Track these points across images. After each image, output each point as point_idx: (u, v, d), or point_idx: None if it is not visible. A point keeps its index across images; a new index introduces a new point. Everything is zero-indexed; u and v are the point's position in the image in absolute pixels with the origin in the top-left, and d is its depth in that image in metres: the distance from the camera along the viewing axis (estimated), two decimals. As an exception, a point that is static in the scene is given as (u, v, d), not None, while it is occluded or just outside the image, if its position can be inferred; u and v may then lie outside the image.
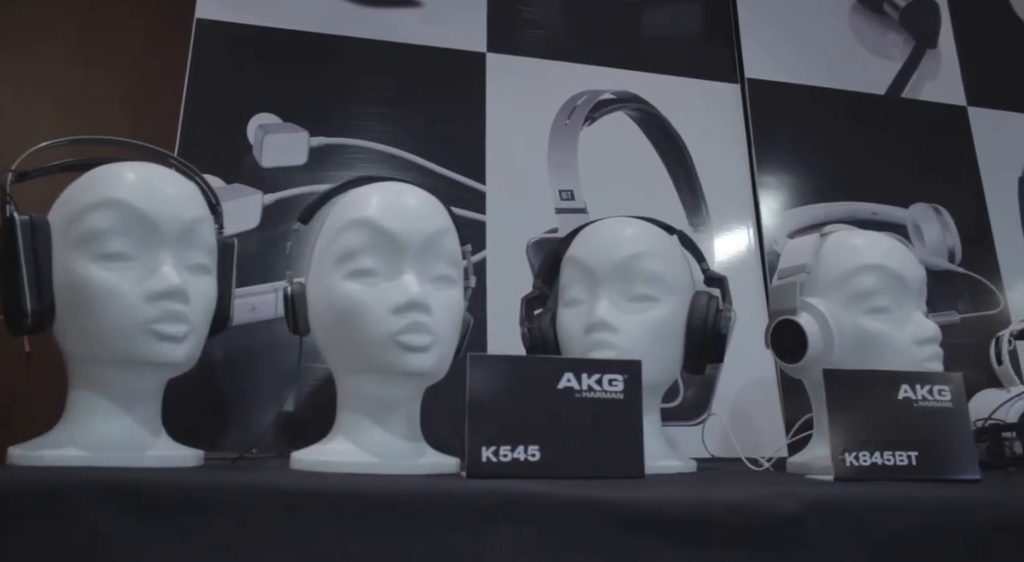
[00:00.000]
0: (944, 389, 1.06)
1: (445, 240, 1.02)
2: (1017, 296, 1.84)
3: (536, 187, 1.64)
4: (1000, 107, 2.02)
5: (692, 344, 1.13)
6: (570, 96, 1.72)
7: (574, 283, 1.16)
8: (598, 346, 1.09)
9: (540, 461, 0.92)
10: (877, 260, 1.17)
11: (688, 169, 1.72)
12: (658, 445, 1.15)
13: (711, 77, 1.84)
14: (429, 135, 1.61)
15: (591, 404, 0.96)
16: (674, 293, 1.13)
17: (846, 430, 1.01)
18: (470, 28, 1.71)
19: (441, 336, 0.98)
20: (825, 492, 0.84)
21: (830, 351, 1.14)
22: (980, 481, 1.01)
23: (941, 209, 1.86)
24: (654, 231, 1.17)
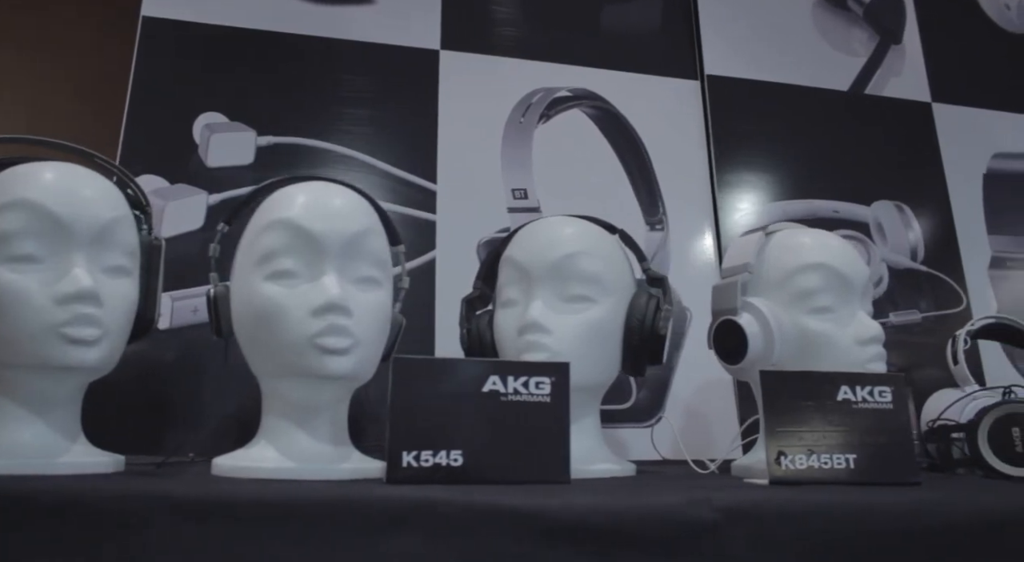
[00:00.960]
0: (885, 390, 1.04)
1: (369, 241, 0.99)
2: (980, 294, 1.82)
3: (489, 186, 1.62)
4: (965, 103, 1.99)
5: (630, 345, 1.11)
6: (525, 93, 1.69)
7: (510, 284, 1.13)
8: (530, 348, 1.06)
9: (463, 466, 0.90)
10: (820, 259, 1.15)
11: (645, 167, 1.70)
12: (595, 448, 1.13)
13: (671, 74, 1.82)
14: (379, 134, 1.59)
15: (517, 407, 0.94)
16: (611, 293, 1.10)
17: (782, 432, 0.99)
18: (424, 25, 1.69)
19: (362, 338, 0.95)
20: (749, 498, 0.82)
21: (771, 352, 1.12)
22: (920, 484, 1.00)
23: (904, 206, 1.84)
24: (592, 230, 1.15)
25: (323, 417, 0.99)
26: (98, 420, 1.01)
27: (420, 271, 1.51)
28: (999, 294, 1.84)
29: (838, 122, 1.89)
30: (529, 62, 1.73)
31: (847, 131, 1.89)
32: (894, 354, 1.70)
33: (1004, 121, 2.01)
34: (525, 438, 0.93)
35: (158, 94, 1.50)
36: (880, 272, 1.77)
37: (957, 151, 1.93)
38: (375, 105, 1.61)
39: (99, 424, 1.01)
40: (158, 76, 1.51)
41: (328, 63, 1.62)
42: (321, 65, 1.61)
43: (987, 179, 1.93)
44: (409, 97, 1.63)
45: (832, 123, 1.88)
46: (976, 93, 2.01)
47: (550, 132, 1.68)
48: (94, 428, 0.98)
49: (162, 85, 1.51)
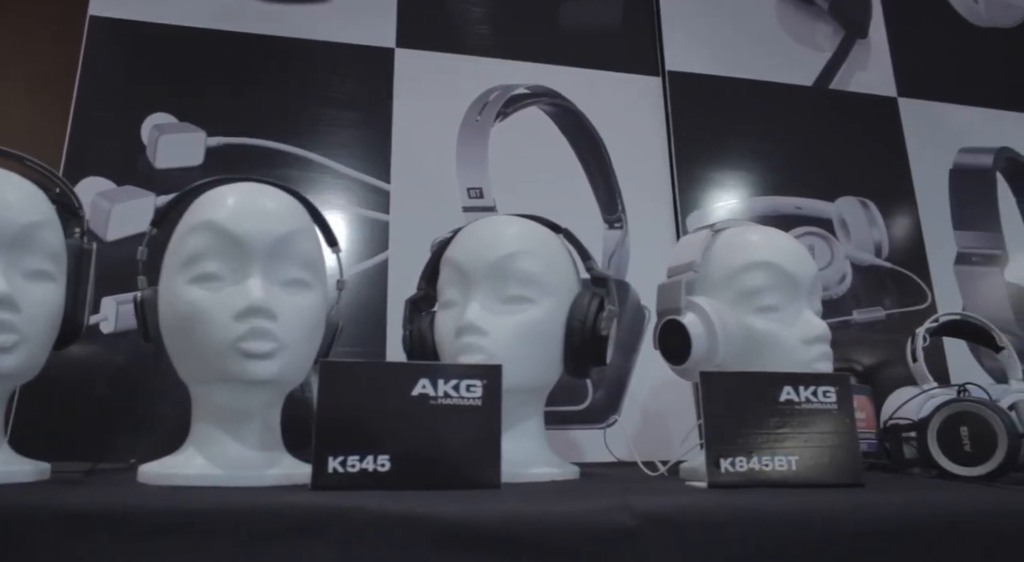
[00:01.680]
0: (830, 390, 1.02)
1: (298, 243, 0.97)
2: (945, 290, 1.80)
3: (444, 185, 1.60)
4: (932, 98, 1.97)
5: (570, 346, 1.09)
6: (483, 91, 1.67)
7: (449, 285, 1.12)
8: (466, 350, 1.04)
9: (390, 472, 0.88)
10: (766, 257, 1.13)
11: (604, 165, 1.68)
12: (536, 451, 1.11)
13: (632, 70, 1.80)
14: (332, 133, 1.57)
15: (447, 411, 0.92)
16: (551, 294, 1.08)
17: (722, 434, 0.97)
18: (379, 24, 1.67)
19: (288, 342, 0.93)
20: (675, 503, 0.80)
21: (715, 352, 1.10)
22: (863, 486, 0.98)
23: (868, 203, 1.82)
24: (534, 230, 1.13)
25: (253, 422, 0.97)
26: (42, 426, 0.99)
27: (373, 272, 1.50)
28: (965, 290, 1.82)
29: (802, 118, 1.87)
30: (487, 59, 1.71)
31: (811, 127, 1.87)
32: (858, 352, 1.70)
33: (971, 115, 1.99)
34: (455, 442, 0.91)
35: (106, 94, 1.48)
36: (843, 269, 1.75)
37: (923, 146, 1.92)
38: (328, 105, 1.59)
39: (44, 431, 0.99)
40: (106, 76, 1.49)
41: (280, 63, 1.60)
42: (273, 65, 1.59)
43: (953, 174, 1.91)
44: (363, 96, 1.62)
45: (796, 119, 1.86)
46: (943, 87, 1.99)
47: (507, 130, 1.66)
48: (35, 435, 0.97)
49: (110, 85, 1.49)
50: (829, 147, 1.85)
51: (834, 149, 1.86)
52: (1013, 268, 1.88)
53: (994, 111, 2.01)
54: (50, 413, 1.27)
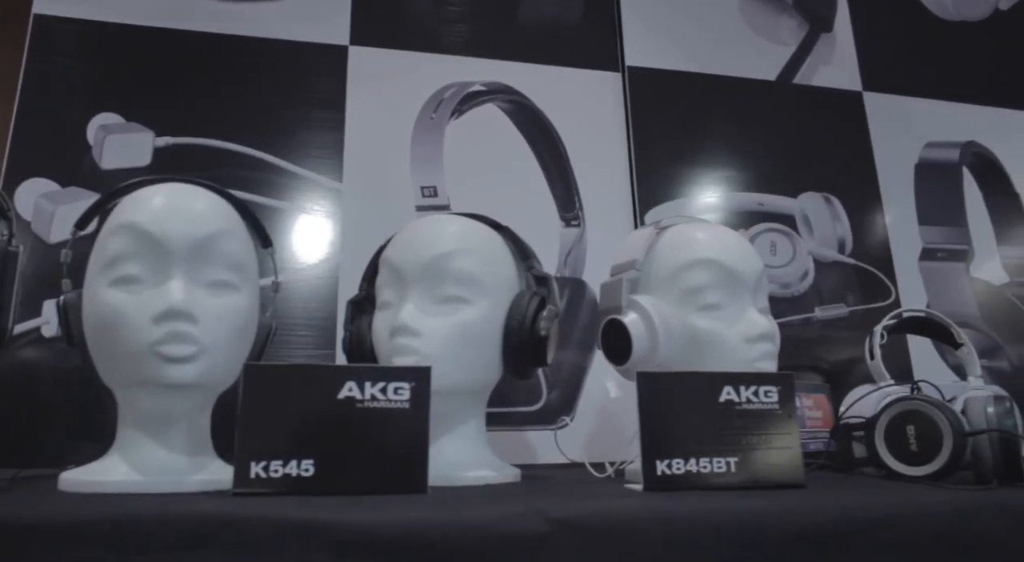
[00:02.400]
0: (771, 390, 1.00)
1: (223, 243, 0.95)
2: (910, 286, 1.78)
3: (398, 184, 1.58)
4: (898, 92, 1.95)
5: (509, 347, 1.07)
6: (438, 89, 1.65)
7: (385, 285, 1.10)
8: (399, 351, 1.02)
9: (314, 476, 0.86)
10: (708, 254, 1.11)
11: (562, 162, 1.66)
12: (474, 454, 1.09)
13: (591, 66, 1.78)
14: (283, 133, 1.55)
15: (374, 414, 0.90)
16: (488, 294, 1.06)
17: (658, 436, 0.95)
18: (332, 21, 1.64)
19: (210, 345, 0.91)
20: (597, 507, 0.79)
21: (656, 352, 1.08)
22: (805, 487, 0.96)
23: (832, 198, 1.79)
24: (472, 228, 1.11)
25: (179, 427, 0.95)
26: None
27: (324, 272, 1.48)
28: (930, 286, 1.80)
29: (765, 113, 1.85)
30: (443, 57, 1.69)
31: (774, 122, 1.85)
32: (820, 349, 1.68)
33: (938, 110, 1.96)
34: (382, 446, 0.89)
35: (50, 94, 1.46)
36: (806, 266, 1.73)
37: (889, 141, 1.89)
38: (279, 103, 1.57)
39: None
40: (50, 76, 1.47)
41: (230, 62, 1.57)
42: (223, 64, 1.57)
43: (919, 169, 1.89)
44: (316, 95, 1.59)
45: (759, 114, 1.84)
46: (909, 82, 1.97)
47: (463, 128, 1.64)
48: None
49: (55, 85, 1.46)
50: (793, 143, 1.83)
51: (798, 145, 1.83)
52: (979, 264, 1.86)
53: (961, 105, 1.99)
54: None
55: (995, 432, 1.04)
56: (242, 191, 1.46)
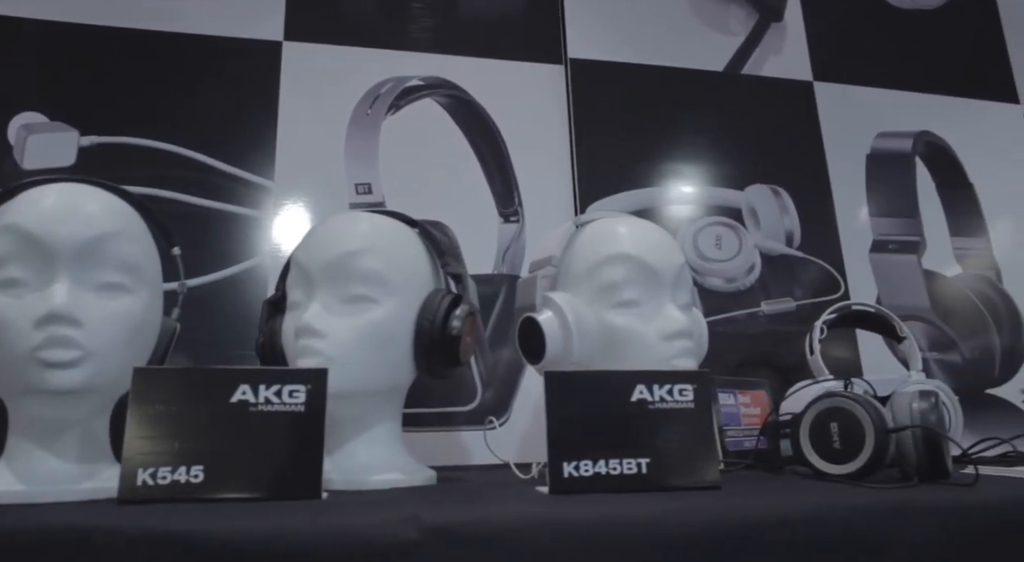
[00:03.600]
0: (686, 389, 0.97)
1: (114, 245, 0.93)
2: (859, 279, 1.75)
3: (331, 182, 1.55)
4: (850, 81, 1.92)
5: (420, 346, 1.04)
6: (375, 84, 1.62)
7: (294, 285, 1.07)
8: (302, 353, 1.00)
9: (203, 483, 0.85)
10: (625, 250, 1.08)
11: (501, 157, 1.63)
12: (385, 457, 1.06)
13: (533, 59, 1.74)
14: (213, 131, 1.52)
15: (267, 418, 0.89)
16: (397, 293, 1.03)
17: (565, 437, 0.93)
18: (266, 16, 1.61)
19: (96, 350, 0.89)
20: (478, 514, 0.76)
21: (570, 350, 1.06)
22: (719, 488, 0.93)
23: (780, 190, 1.76)
24: (380, 226, 1.08)
25: (70, 434, 0.93)
26: None
27: (254, 272, 1.45)
28: (880, 279, 1.77)
29: (712, 105, 1.81)
30: (381, 51, 1.66)
31: (721, 114, 1.81)
32: (766, 344, 1.65)
33: (889, 99, 1.93)
34: (275, 451, 0.87)
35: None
36: (752, 260, 1.70)
37: (840, 131, 1.86)
38: (210, 101, 1.54)
39: None
40: (-33, 74, 1.44)
41: (160, 58, 1.54)
42: (152, 61, 1.54)
43: (871, 159, 1.86)
44: (247, 91, 1.56)
45: (705, 106, 1.81)
46: (861, 71, 1.94)
47: (400, 123, 1.61)
48: None
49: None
50: (740, 134, 1.80)
51: (746, 136, 1.80)
52: (931, 256, 1.83)
53: (915, 94, 1.96)
54: None
55: (918, 428, 1.02)
56: (171, 191, 1.46)
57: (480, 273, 1.52)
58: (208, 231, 1.46)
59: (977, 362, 1.77)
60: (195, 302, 1.41)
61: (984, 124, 1.98)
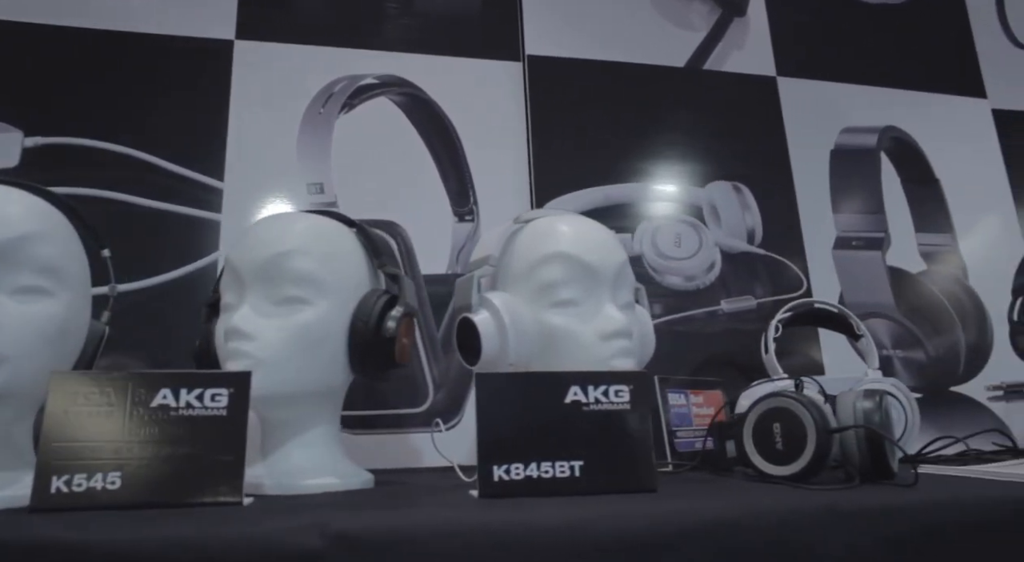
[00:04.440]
0: (623, 389, 0.96)
1: (31, 247, 0.91)
2: (822, 276, 1.73)
3: (283, 182, 1.53)
4: (814, 77, 1.90)
5: (354, 348, 1.02)
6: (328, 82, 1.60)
7: (227, 287, 1.05)
8: (231, 356, 0.98)
9: (120, 490, 0.83)
10: (563, 248, 1.06)
11: (456, 156, 1.61)
12: (320, 461, 1.04)
13: (491, 56, 1.72)
14: (162, 131, 1.49)
15: (188, 422, 0.87)
16: (330, 294, 1.01)
17: (496, 439, 0.91)
18: (217, 14, 1.59)
19: (11, 354, 0.87)
20: (388, 520, 0.75)
21: (507, 350, 1.04)
22: (655, 491, 0.91)
23: (741, 187, 1.74)
24: (314, 226, 1.05)
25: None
26: None
27: (201, 274, 1.43)
28: (843, 276, 1.74)
29: (673, 101, 1.79)
30: (335, 49, 1.63)
31: (683, 110, 1.79)
32: (726, 343, 1.63)
33: (855, 94, 1.91)
34: (196, 456, 0.86)
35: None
36: (712, 257, 1.67)
37: (803, 127, 1.83)
38: (158, 101, 1.52)
39: None
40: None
41: (107, 57, 1.52)
42: (99, 59, 1.51)
43: (835, 155, 1.84)
44: (198, 91, 1.54)
45: (666, 102, 1.78)
46: (826, 66, 1.91)
47: (354, 122, 1.59)
48: None
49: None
50: (702, 131, 1.78)
51: (707, 133, 1.78)
52: (896, 252, 1.81)
53: (881, 89, 1.93)
54: None
55: (860, 428, 1.01)
56: (117, 192, 1.44)
57: (434, 273, 1.50)
58: (156, 233, 1.44)
59: (942, 359, 1.75)
60: (143, 305, 1.40)
61: (951, 119, 1.96)
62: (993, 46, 2.07)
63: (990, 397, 1.73)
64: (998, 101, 2.01)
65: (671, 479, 1.11)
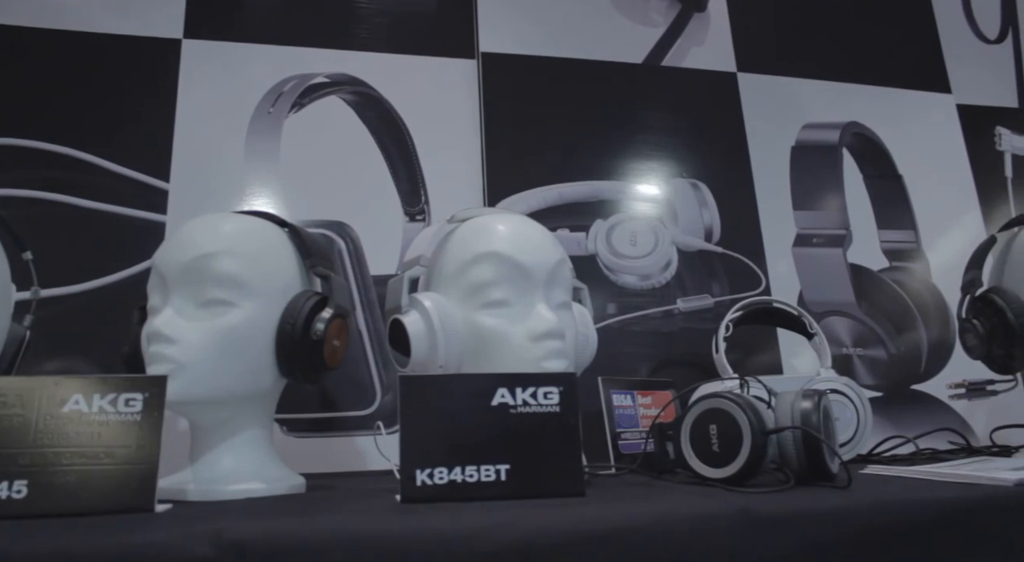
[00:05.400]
0: (552, 391, 0.94)
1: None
2: (781, 274, 1.71)
3: (230, 183, 1.50)
4: (775, 72, 1.87)
5: (282, 351, 1.00)
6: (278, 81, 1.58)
7: (153, 289, 1.03)
8: (152, 360, 0.96)
9: (25, 499, 0.81)
10: (495, 248, 1.04)
11: (408, 155, 1.59)
12: (249, 465, 1.02)
13: (445, 54, 1.70)
14: (106, 132, 1.47)
15: (101, 429, 0.85)
16: (257, 296, 1.00)
17: (420, 443, 0.89)
18: (165, 13, 1.56)
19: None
20: (293, 527, 0.72)
21: (436, 352, 1.02)
22: (584, 495, 0.90)
23: (699, 184, 1.72)
24: (241, 227, 1.04)
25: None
26: None
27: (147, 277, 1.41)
28: (803, 273, 1.72)
29: (630, 97, 1.77)
30: (286, 48, 1.61)
31: (640, 106, 1.77)
32: (682, 342, 1.61)
33: (816, 90, 1.89)
34: (107, 464, 0.84)
35: None
36: (669, 256, 1.65)
37: (764, 123, 1.81)
38: (103, 101, 1.50)
39: None
40: None
41: (52, 57, 1.50)
42: (43, 59, 1.49)
43: (795, 152, 1.81)
44: (144, 91, 1.52)
45: (623, 99, 1.76)
46: (788, 61, 1.89)
47: (304, 122, 1.57)
48: None
49: None
50: (659, 128, 1.75)
51: (665, 130, 1.76)
52: (858, 249, 1.79)
53: (844, 85, 1.91)
54: None
55: (796, 429, 0.99)
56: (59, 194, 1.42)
57: (385, 274, 1.48)
58: (100, 235, 1.42)
59: (904, 358, 1.73)
60: (84, 308, 1.38)
61: (915, 115, 1.94)
62: (958, 40, 2.05)
63: (952, 395, 1.71)
64: (963, 96, 1.99)
65: (607, 483, 1.09)
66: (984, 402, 1.71)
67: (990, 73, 2.06)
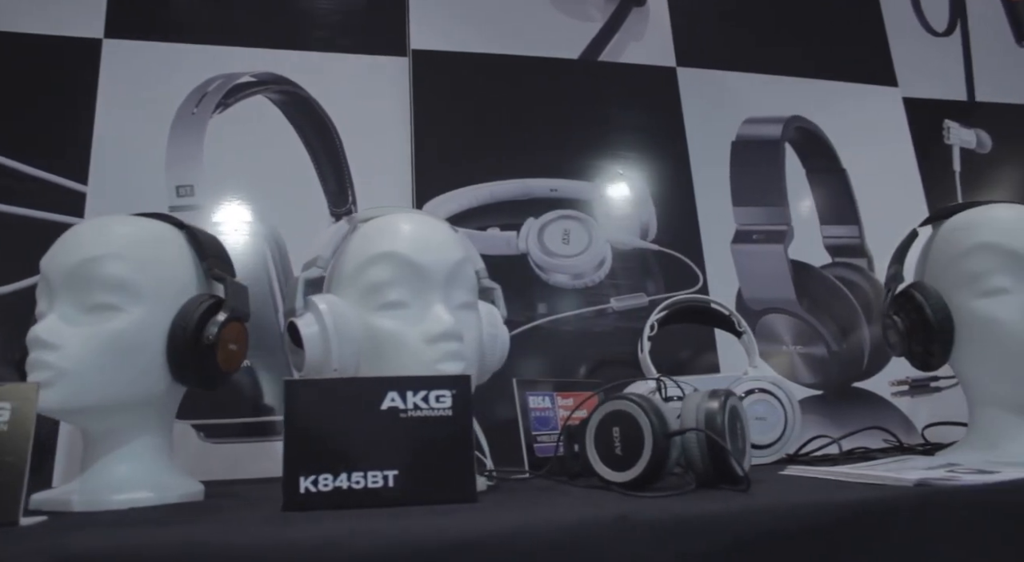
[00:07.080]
0: (444, 395, 0.91)
1: None
2: (719, 271, 1.68)
3: (151, 185, 1.48)
4: (716, 66, 1.85)
5: (172, 355, 0.98)
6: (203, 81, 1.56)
7: (40, 294, 1.00)
8: (32, 367, 0.94)
9: None
10: (391, 248, 1.02)
11: (336, 155, 1.56)
12: (141, 473, 0.99)
13: (375, 51, 1.67)
14: (19, 133, 1.45)
15: (-39, 440, 0.83)
16: (147, 300, 0.97)
17: (304, 448, 0.87)
18: (84, 11, 1.53)
19: None
20: (160, 537, 0.70)
21: (329, 355, 0.99)
22: (476, 501, 0.87)
23: (636, 181, 1.69)
24: (134, 229, 1.01)
25: None
26: None
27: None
28: (742, 270, 1.70)
29: (565, 93, 1.74)
30: (211, 47, 1.58)
31: (575, 102, 1.74)
32: (615, 342, 1.58)
33: (759, 84, 1.86)
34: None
35: None
36: (602, 254, 1.63)
37: (703, 118, 1.79)
38: (17, 102, 1.47)
39: None
40: None
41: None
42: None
43: (736, 146, 1.79)
44: (63, 91, 1.49)
45: (558, 95, 1.74)
46: (729, 56, 1.87)
47: (228, 122, 1.54)
48: None
49: None
50: (595, 123, 1.73)
51: (600, 125, 1.73)
52: (799, 245, 1.76)
53: (788, 79, 1.89)
54: None
55: (698, 432, 0.96)
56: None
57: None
58: (12, 239, 1.40)
59: (845, 355, 1.71)
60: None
61: (860, 108, 1.92)
62: (905, 33, 2.03)
63: (895, 392, 1.69)
64: (909, 89, 1.97)
65: (515, 487, 1.07)
66: (927, 399, 1.69)
67: (938, 66, 2.04)
